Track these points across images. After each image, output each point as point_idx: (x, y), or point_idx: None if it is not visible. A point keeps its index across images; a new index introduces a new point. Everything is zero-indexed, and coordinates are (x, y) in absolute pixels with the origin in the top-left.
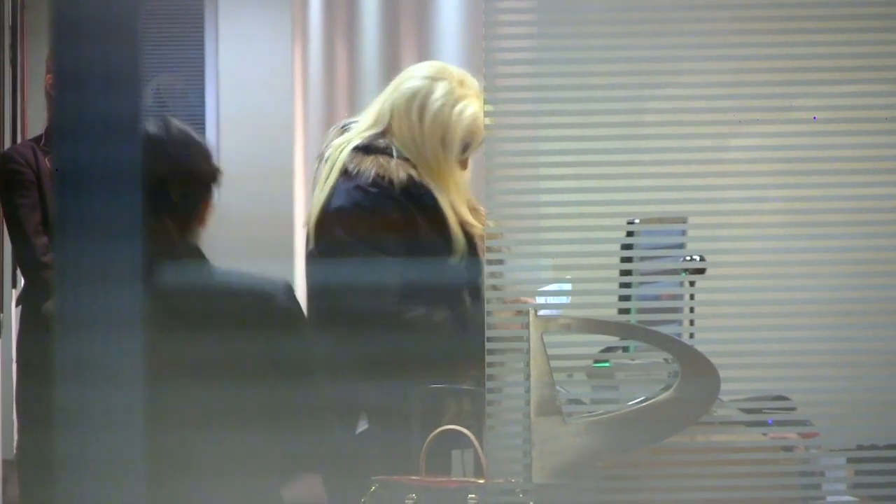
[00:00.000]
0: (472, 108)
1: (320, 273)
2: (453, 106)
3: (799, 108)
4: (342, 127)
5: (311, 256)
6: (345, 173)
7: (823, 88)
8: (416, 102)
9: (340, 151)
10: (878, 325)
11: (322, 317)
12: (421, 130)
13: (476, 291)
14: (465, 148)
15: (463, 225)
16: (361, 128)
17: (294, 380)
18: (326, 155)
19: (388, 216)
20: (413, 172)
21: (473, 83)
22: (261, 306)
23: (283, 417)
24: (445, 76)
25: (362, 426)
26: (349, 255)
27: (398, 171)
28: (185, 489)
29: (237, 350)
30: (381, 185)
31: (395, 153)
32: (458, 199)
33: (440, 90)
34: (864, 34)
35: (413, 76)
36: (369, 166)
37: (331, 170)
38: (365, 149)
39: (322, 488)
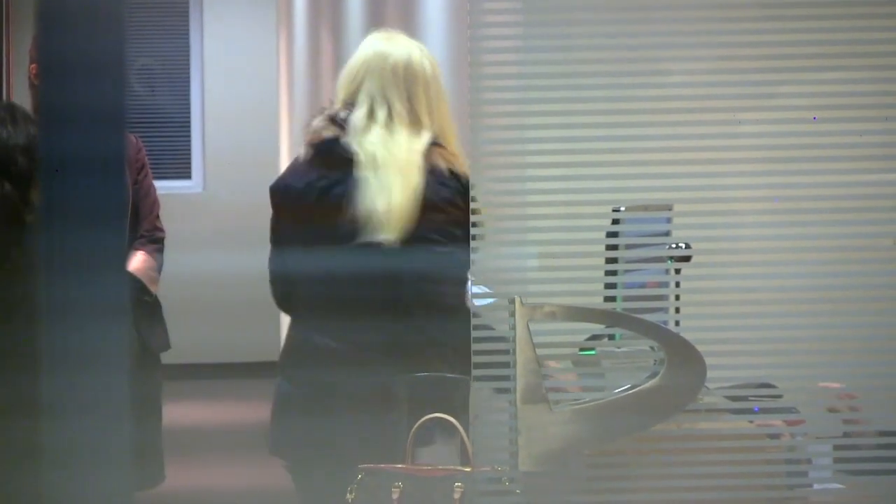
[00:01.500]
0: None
1: (411, 262)
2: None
3: (784, 95)
4: (342, 118)
5: (386, 246)
6: (429, 168)
7: (809, 76)
8: (426, 78)
9: (401, 147)
10: (864, 313)
11: (422, 303)
12: (440, 98)
13: None
14: None
15: None
16: (405, 127)
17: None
18: (371, 150)
19: (462, 208)
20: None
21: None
22: None
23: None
24: (405, 42)
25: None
26: (448, 244)
27: (455, 162)
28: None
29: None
30: (457, 177)
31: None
32: None
33: (416, 52)
34: (847, 21)
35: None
36: (437, 159)
37: (401, 162)
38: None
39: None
